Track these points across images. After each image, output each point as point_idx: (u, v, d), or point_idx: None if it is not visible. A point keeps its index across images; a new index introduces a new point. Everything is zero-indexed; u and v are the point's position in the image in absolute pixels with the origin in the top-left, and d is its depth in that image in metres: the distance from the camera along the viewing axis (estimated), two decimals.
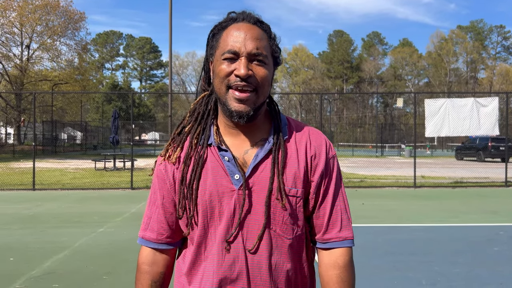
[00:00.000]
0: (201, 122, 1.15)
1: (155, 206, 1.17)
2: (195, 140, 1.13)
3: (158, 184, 1.17)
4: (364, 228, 7.06)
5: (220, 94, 1.09)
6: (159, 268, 1.18)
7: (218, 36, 1.11)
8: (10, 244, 5.89)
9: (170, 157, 1.15)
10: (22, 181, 13.69)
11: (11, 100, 39.07)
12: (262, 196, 1.07)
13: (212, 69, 1.13)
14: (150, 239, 1.18)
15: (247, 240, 1.07)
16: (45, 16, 39.40)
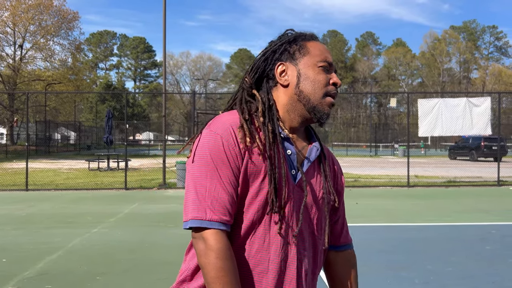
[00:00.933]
0: (272, 115, 1.18)
1: (221, 185, 1.06)
2: (271, 128, 1.14)
3: (227, 159, 1.08)
4: (358, 227, 7.09)
5: (313, 99, 1.17)
6: (233, 253, 1.07)
7: (302, 44, 1.21)
8: (3, 245, 5.86)
9: (252, 142, 1.11)
10: (15, 182, 13.60)
11: (4, 100, 38.78)
12: (315, 195, 1.19)
13: (288, 72, 1.20)
14: (226, 221, 1.06)
15: (302, 236, 1.15)
16: (38, 16, 39.16)
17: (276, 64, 1.21)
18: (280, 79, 1.20)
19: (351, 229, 5.58)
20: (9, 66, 39.60)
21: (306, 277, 1.15)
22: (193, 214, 1.05)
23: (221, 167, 1.08)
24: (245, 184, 1.10)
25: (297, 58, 1.20)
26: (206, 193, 1.06)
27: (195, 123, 13.87)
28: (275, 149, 1.12)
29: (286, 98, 1.19)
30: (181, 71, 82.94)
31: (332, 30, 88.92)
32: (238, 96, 1.23)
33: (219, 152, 1.08)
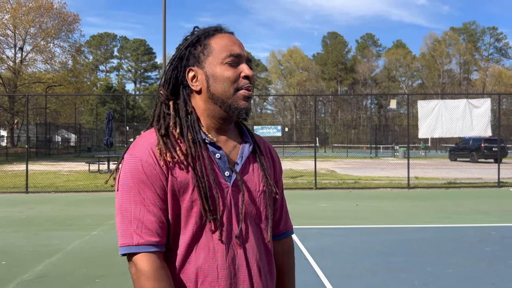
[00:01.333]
0: (190, 124, 1.15)
1: (145, 206, 1.06)
2: (191, 137, 1.13)
3: (149, 181, 1.07)
4: (358, 229, 7.09)
5: (225, 97, 1.14)
6: (168, 272, 1.08)
7: (205, 43, 1.17)
8: (2, 248, 5.86)
9: (173, 157, 1.09)
10: (15, 184, 13.60)
11: (4, 103, 38.81)
12: (253, 192, 1.17)
13: (198, 77, 1.17)
14: (154, 242, 1.06)
15: (245, 235, 1.14)
16: (39, 18, 39.21)
17: (186, 71, 1.18)
18: (193, 85, 1.17)
19: (351, 230, 5.59)
20: (9, 68, 39.64)
21: (261, 273, 1.16)
22: (122, 241, 1.07)
23: (144, 190, 1.08)
24: (175, 200, 1.09)
25: (203, 61, 1.16)
26: (131, 218, 1.07)
27: None
28: (200, 157, 1.11)
29: (202, 103, 1.17)
30: None
31: (332, 31, 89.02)
32: (157, 111, 1.20)
33: (140, 175, 1.08)
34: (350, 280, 4.47)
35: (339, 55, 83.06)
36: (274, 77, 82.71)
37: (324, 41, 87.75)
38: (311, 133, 55.44)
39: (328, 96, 75.62)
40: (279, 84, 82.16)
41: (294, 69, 79.44)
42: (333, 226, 7.29)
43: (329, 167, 21.94)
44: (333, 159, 30.57)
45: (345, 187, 13.03)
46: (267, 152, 1.29)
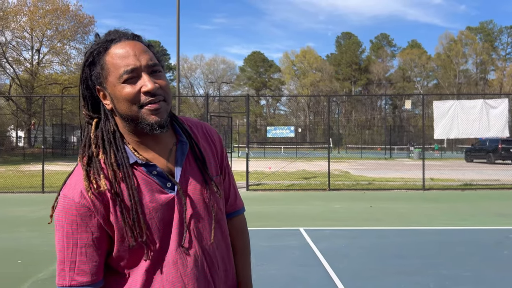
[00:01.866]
0: (112, 145, 1.11)
1: (78, 248, 1.07)
2: (115, 164, 1.08)
3: (83, 226, 1.07)
4: (372, 231, 7.01)
5: (131, 116, 1.08)
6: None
7: (101, 62, 1.09)
8: (18, 247, 5.94)
9: (99, 186, 1.07)
10: (32, 184, 13.81)
11: (22, 104, 39.48)
12: (198, 194, 1.16)
13: (107, 95, 1.11)
14: (85, 282, 1.08)
15: (199, 237, 1.15)
16: (55, 21, 39.80)
17: (96, 90, 1.13)
18: (106, 104, 1.12)
19: (365, 232, 5.54)
20: (27, 70, 40.30)
21: (218, 267, 1.20)
22: (58, 282, 1.09)
23: (77, 231, 1.07)
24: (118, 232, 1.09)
25: (103, 82, 1.10)
26: (65, 259, 1.08)
27: None
28: (126, 179, 1.08)
29: (119, 121, 1.13)
30: (195, 74, 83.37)
31: (346, 32, 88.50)
32: (84, 134, 1.16)
33: (73, 217, 1.07)
34: (363, 282, 4.42)
35: (353, 55, 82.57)
36: (287, 78, 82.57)
37: (338, 41, 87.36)
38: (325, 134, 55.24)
39: (342, 97, 75.20)
40: (292, 84, 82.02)
41: (307, 70, 79.20)
42: (346, 227, 7.23)
43: (342, 168, 21.80)
44: (347, 160, 30.38)
45: (359, 189, 12.93)
46: (206, 136, 1.27)
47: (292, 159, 26.25)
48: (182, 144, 1.18)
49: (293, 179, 15.45)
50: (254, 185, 13.43)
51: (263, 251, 5.66)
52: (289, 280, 4.51)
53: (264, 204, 10.01)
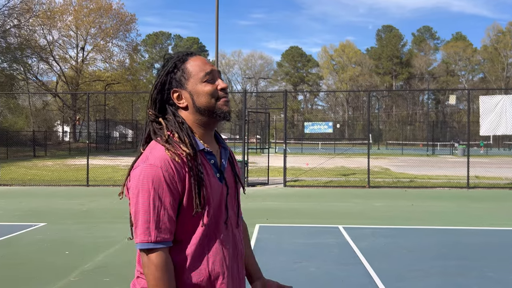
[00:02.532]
0: (186, 131, 1.38)
1: (163, 209, 1.28)
2: (188, 140, 1.35)
3: (167, 190, 1.29)
4: (413, 230, 6.85)
5: (209, 108, 1.40)
6: (171, 264, 1.31)
7: (182, 68, 1.41)
8: (65, 238, 6.20)
9: (184, 151, 1.32)
10: (77, 178, 14.36)
11: (67, 100, 41.02)
12: (232, 189, 1.47)
13: (183, 95, 1.41)
14: (167, 239, 1.29)
15: (233, 221, 1.46)
16: (99, 19, 41.04)
17: (170, 93, 1.41)
18: (179, 103, 1.41)
19: (405, 231, 5.41)
20: (72, 67, 41.81)
21: (241, 245, 1.50)
22: (141, 238, 1.28)
23: (163, 195, 1.28)
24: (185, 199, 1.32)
25: (184, 83, 1.40)
26: (150, 219, 1.27)
27: (246, 121, 13.98)
28: (197, 160, 1.34)
29: (191, 116, 1.42)
30: (233, 70, 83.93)
31: (387, 25, 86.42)
32: (150, 129, 1.42)
33: (160, 182, 1.28)
34: (404, 283, 4.33)
35: (394, 49, 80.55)
36: (325, 72, 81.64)
37: (379, 34, 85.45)
38: (364, 129, 54.27)
39: (382, 92, 73.57)
40: (331, 79, 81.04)
41: (346, 64, 77.99)
42: (387, 226, 7.09)
43: (383, 164, 21.37)
44: (387, 157, 29.76)
45: (400, 186, 12.64)
46: (233, 156, 1.58)
47: (330, 155, 25.97)
48: (225, 150, 1.50)
49: (331, 176, 15.29)
50: (292, 181, 13.40)
51: (300, 249, 5.65)
52: (329, 278, 4.48)
53: (302, 200, 9.97)
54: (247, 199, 9.88)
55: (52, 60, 39.91)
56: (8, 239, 6.19)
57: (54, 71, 41.40)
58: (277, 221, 7.49)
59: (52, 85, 43.84)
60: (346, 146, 42.96)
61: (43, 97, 42.65)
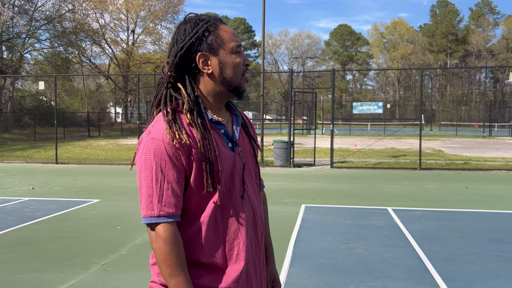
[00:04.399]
0: (198, 108, 1.31)
1: (166, 183, 1.24)
2: (199, 120, 1.29)
3: (170, 164, 1.24)
4: (467, 213, 6.55)
5: (234, 81, 1.34)
6: (180, 238, 1.26)
7: (216, 33, 1.32)
8: (118, 214, 6.44)
9: (181, 138, 1.25)
10: (129, 157, 14.87)
11: (119, 82, 42.36)
12: (248, 157, 1.41)
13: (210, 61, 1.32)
14: (172, 214, 1.24)
15: (252, 192, 1.39)
16: (148, 2, 41.75)
17: (196, 55, 1.31)
18: (204, 69, 1.32)
19: (459, 214, 5.18)
20: (123, 50, 42.99)
21: (261, 218, 1.44)
22: (144, 212, 1.25)
23: (165, 168, 1.24)
24: (190, 174, 1.27)
25: (216, 48, 1.32)
26: (153, 193, 1.24)
27: (292, 102, 13.83)
28: (207, 137, 1.28)
29: (211, 85, 1.34)
30: (280, 50, 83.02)
31: (442, 0, 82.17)
32: (163, 92, 1.34)
33: (163, 156, 1.24)
34: (458, 267, 4.15)
35: (449, 25, 76.60)
36: (376, 51, 79.16)
37: (433, 10, 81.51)
38: (416, 109, 52.47)
39: (436, 70, 70.47)
40: (381, 58, 78.48)
41: (398, 42, 75.16)
42: (439, 208, 6.83)
43: (435, 146, 20.60)
44: (440, 138, 28.64)
45: (453, 168, 12.13)
46: (246, 120, 1.51)
47: (380, 136, 25.33)
48: (237, 116, 1.43)
49: (381, 157, 14.91)
50: (339, 163, 13.19)
51: (348, 230, 5.55)
52: (377, 259, 4.37)
53: (349, 182, 9.80)
54: (292, 180, 9.83)
55: (104, 43, 41.22)
56: (65, 214, 6.52)
57: (106, 54, 42.80)
58: (324, 202, 7.41)
59: (104, 67, 45.38)
60: (397, 127, 41.71)
61: (96, 79, 44.30)
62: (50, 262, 4.32)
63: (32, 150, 17.95)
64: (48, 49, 34.06)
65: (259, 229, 1.41)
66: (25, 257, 4.46)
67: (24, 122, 31.53)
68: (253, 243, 1.37)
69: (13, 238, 5.16)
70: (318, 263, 4.28)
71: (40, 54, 34.48)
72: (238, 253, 1.32)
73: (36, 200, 7.59)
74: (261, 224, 1.43)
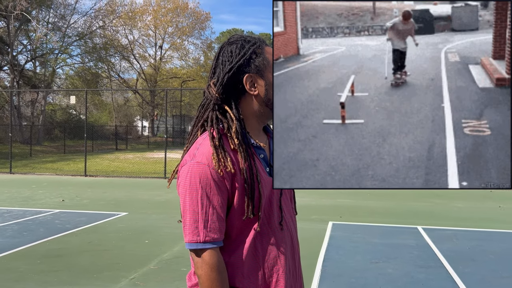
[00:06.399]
0: (242, 134, 1.31)
1: (211, 208, 1.23)
2: (244, 146, 1.28)
3: (215, 189, 1.24)
4: (502, 233, 6.34)
5: None
6: (225, 266, 1.27)
7: (263, 55, 1.33)
8: (145, 227, 6.50)
9: (226, 166, 1.24)
10: (155, 170, 15.05)
11: (146, 96, 43.16)
12: None
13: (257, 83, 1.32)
14: (217, 239, 1.24)
15: (289, 220, 1.39)
16: (175, 18, 42.62)
17: (243, 77, 1.31)
18: (251, 90, 1.32)
19: (494, 235, 5.02)
20: (151, 65, 43.89)
21: (298, 244, 1.44)
22: (189, 238, 1.24)
23: (211, 193, 1.24)
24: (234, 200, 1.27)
25: (262, 70, 1.32)
26: (199, 219, 1.23)
27: None
28: (250, 163, 1.27)
29: (256, 107, 1.33)
30: None
31: None
32: (209, 114, 1.32)
33: (208, 181, 1.23)
34: None
35: None
36: None
37: None
38: None
39: None
40: None
41: None
42: (471, 228, 6.63)
43: None
44: None
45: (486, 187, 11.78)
46: None
47: None
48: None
49: None
50: None
51: (377, 249, 5.44)
52: (408, 280, 4.26)
53: (377, 199, 9.64)
54: (319, 195, 9.74)
55: (132, 58, 42.14)
56: (94, 226, 6.62)
57: (134, 69, 43.71)
58: (351, 219, 7.29)
59: (132, 82, 46.35)
60: None
61: (124, 93, 45.23)
62: (81, 275, 4.37)
63: (62, 163, 18.38)
64: (79, 64, 35.06)
65: (296, 255, 1.42)
66: (57, 269, 4.53)
67: (55, 135, 32.37)
68: (291, 269, 1.37)
69: (45, 250, 5.27)
70: (347, 283, 4.20)
71: (71, 69, 35.52)
72: (278, 279, 1.32)
73: (66, 212, 7.74)
74: (298, 250, 1.44)
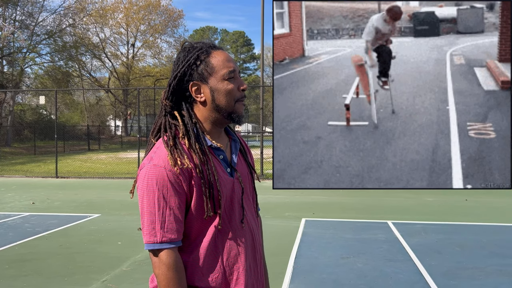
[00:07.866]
0: (197, 134, 1.35)
1: (168, 209, 1.27)
2: (198, 146, 1.32)
3: (172, 190, 1.27)
4: (468, 226, 6.57)
5: (228, 108, 1.36)
6: (182, 264, 1.29)
7: (206, 62, 1.35)
8: (118, 229, 6.44)
9: (183, 163, 1.27)
10: (128, 170, 14.87)
11: (119, 95, 42.51)
12: (247, 182, 1.44)
13: (202, 90, 1.35)
14: (174, 239, 1.27)
15: (250, 217, 1.43)
16: (148, 16, 42.10)
17: (189, 85, 1.35)
18: (197, 97, 1.35)
19: (460, 228, 5.18)
20: (123, 64, 43.23)
21: (260, 244, 1.48)
22: (147, 239, 1.27)
23: (167, 195, 1.27)
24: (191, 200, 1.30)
25: (206, 77, 1.34)
26: (155, 220, 1.27)
27: None
28: (206, 163, 1.31)
29: (206, 112, 1.36)
30: None
31: None
32: (162, 120, 1.39)
33: (164, 182, 1.27)
34: (458, 281, 4.16)
35: None
36: None
37: None
38: None
39: None
40: None
41: None
42: (439, 222, 6.84)
43: None
44: None
45: None
46: (244, 145, 1.53)
47: None
48: (235, 142, 1.46)
49: None
50: None
51: (348, 244, 5.56)
52: (377, 274, 4.38)
53: (349, 195, 9.82)
54: (292, 193, 9.85)
55: (104, 57, 41.43)
56: (66, 229, 6.52)
57: (106, 68, 42.98)
58: (324, 215, 7.41)
59: (104, 81, 45.57)
60: None
61: (96, 92, 44.46)
62: (51, 279, 4.32)
63: (32, 164, 17.97)
64: (49, 63, 34.25)
65: (257, 254, 1.44)
66: (26, 274, 4.46)
67: (24, 136, 31.57)
68: (252, 267, 1.40)
69: (14, 254, 5.17)
70: (318, 279, 4.29)
71: (41, 68, 34.65)
72: (238, 277, 1.34)
73: (36, 215, 7.60)
74: (260, 249, 1.46)
